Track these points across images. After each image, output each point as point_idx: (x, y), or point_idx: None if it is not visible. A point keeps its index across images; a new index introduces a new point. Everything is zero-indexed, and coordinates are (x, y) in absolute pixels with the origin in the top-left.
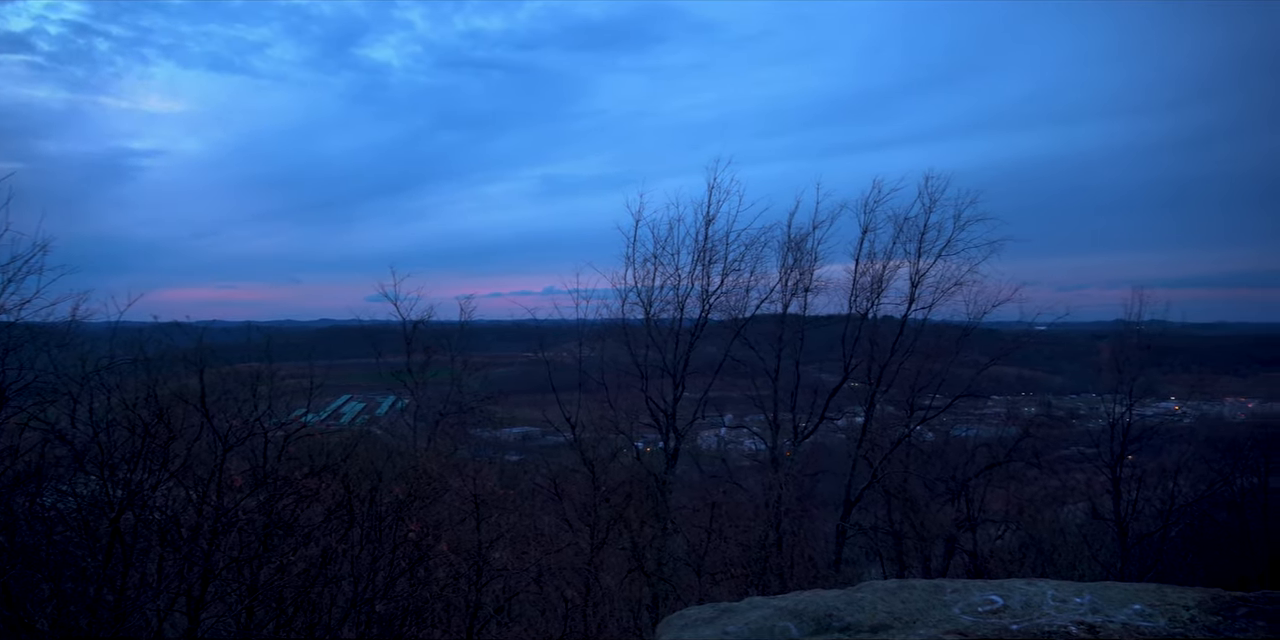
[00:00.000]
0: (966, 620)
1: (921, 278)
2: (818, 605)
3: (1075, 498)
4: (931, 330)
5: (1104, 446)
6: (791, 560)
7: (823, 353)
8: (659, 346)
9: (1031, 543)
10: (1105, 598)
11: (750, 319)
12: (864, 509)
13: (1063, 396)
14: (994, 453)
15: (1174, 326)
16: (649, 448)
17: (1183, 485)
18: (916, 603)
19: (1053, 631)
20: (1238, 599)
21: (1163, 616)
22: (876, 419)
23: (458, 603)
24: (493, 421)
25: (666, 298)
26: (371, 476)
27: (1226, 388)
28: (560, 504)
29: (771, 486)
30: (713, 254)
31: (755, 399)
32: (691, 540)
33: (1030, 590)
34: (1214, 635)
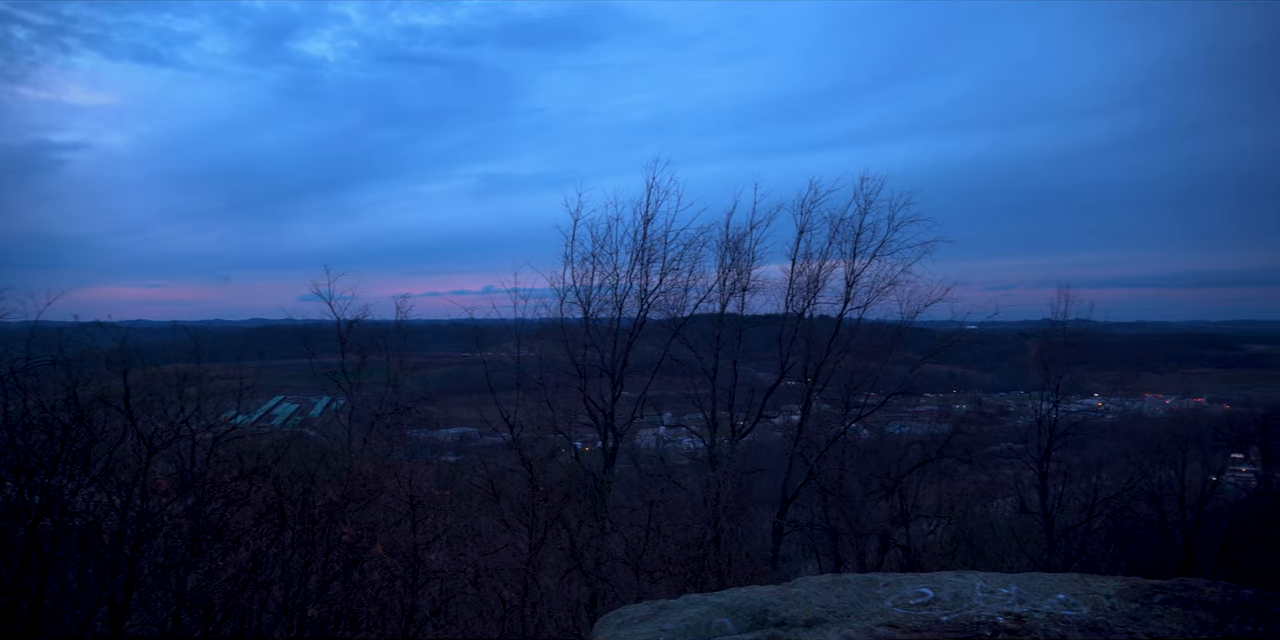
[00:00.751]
0: (898, 613)
1: (857, 278)
2: (753, 601)
3: (1005, 492)
4: (866, 329)
5: (1032, 442)
6: (729, 558)
7: (760, 352)
8: (597, 346)
9: (963, 536)
10: (1031, 588)
11: (689, 318)
12: (801, 506)
13: (993, 394)
14: (927, 449)
15: (1097, 325)
16: (588, 447)
17: (1105, 479)
18: (850, 597)
19: (981, 622)
20: (1155, 586)
21: (1085, 605)
22: (813, 417)
23: (393, 606)
24: (430, 422)
25: (605, 297)
26: (304, 478)
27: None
28: (498, 504)
29: (709, 484)
30: (651, 253)
31: (693, 398)
32: (630, 539)
33: (960, 582)
34: (1133, 621)
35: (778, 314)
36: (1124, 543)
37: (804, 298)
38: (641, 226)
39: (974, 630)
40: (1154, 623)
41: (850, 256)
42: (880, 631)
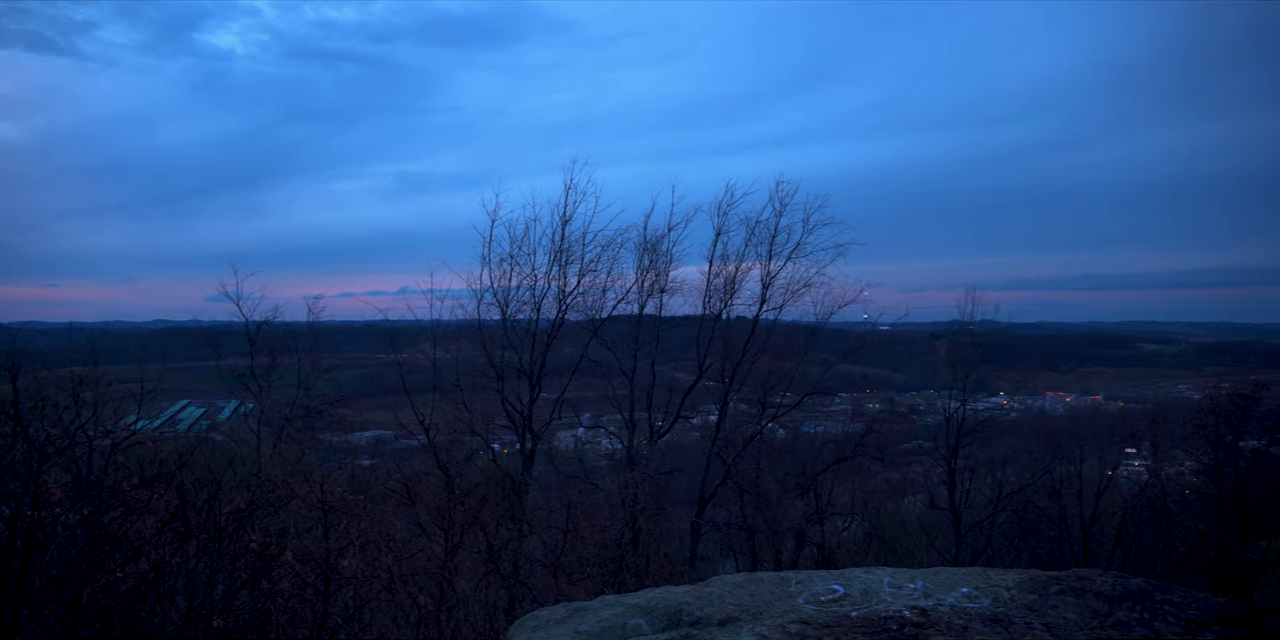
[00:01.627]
0: (810, 609)
1: (772, 279)
2: (668, 601)
3: (915, 489)
4: (782, 330)
5: (941, 440)
6: (647, 558)
7: (679, 352)
8: (515, 347)
9: (875, 533)
10: (936, 582)
11: (607, 319)
12: (718, 505)
13: (905, 393)
14: (841, 448)
15: (1003, 326)
16: (506, 449)
17: (1010, 475)
18: (763, 595)
19: (889, 616)
20: (1051, 578)
21: (987, 597)
22: (730, 417)
23: (304, 614)
24: (343, 425)
25: (523, 298)
26: (210, 485)
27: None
28: (414, 508)
29: (627, 485)
30: (569, 254)
31: (612, 399)
32: (548, 541)
33: (869, 578)
34: (1031, 612)
35: (696, 315)
36: (1027, 536)
37: (721, 299)
38: (560, 228)
39: (882, 625)
40: (1050, 613)
41: (766, 258)
42: (792, 628)
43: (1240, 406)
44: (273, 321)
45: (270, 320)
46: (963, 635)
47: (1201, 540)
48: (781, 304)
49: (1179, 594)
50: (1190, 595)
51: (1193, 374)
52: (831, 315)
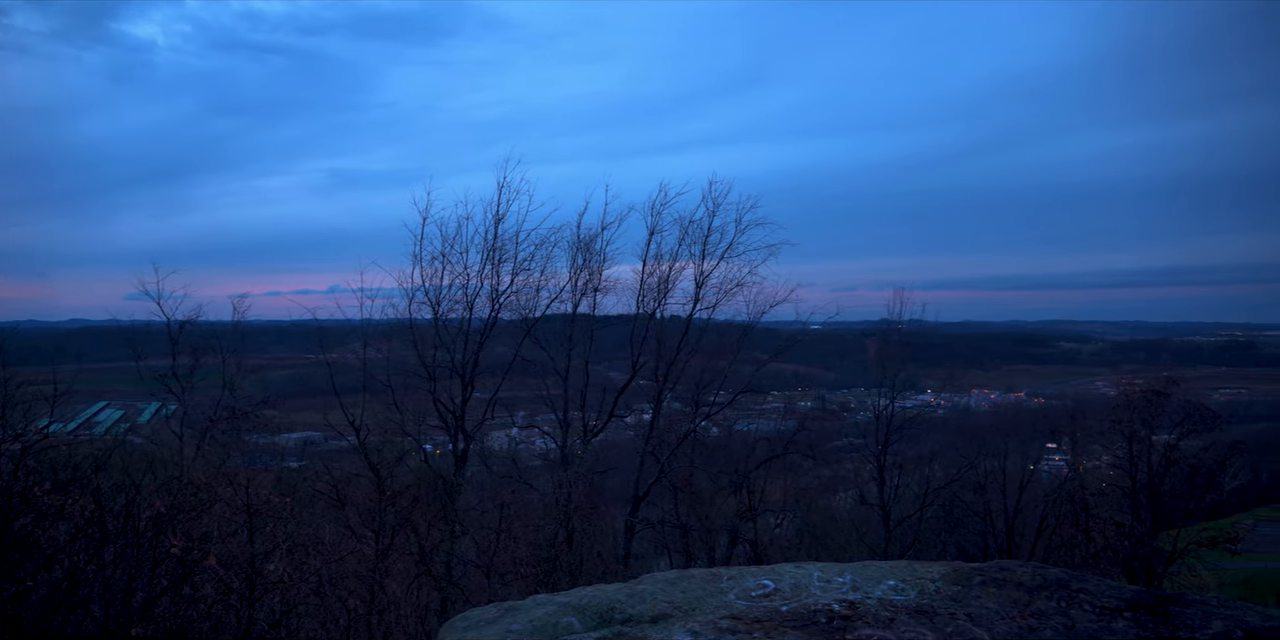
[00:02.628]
0: (741, 605)
1: (705, 279)
2: (601, 599)
3: (846, 486)
4: (715, 329)
5: (871, 437)
6: (581, 557)
7: (613, 352)
8: (448, 347)
9: (807, 529)
10: (864, 576)
11: (541, 318)
12: (652, 504)
13: (836, 391)
14: (773, 446)
15: (930, 325)
16: (438, 450)
17: (937, 470)
18: (695, 591)
19: (818, 610)
20: (974, 569)
21: (913, 589)
22: (664, 416)
23: (228, 620)
24: (270, 427)
25: (455, 297)
26: (129, 489)
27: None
28: (343, 510)
29: (561, 485)
30: (502, 253)
31: (546, 398)
32: (481, 542)
33: (799, 573)
34: (955, 603)
35: (630, 314)
36: (953, 529)
37: (655, 298)
38: (493, 226)
39: (811, 618)
40: (973, 603)
41: (699, 258)
42: (724, 624)
43: (1153, 402)
44: (196, 321)
45: (193, 320)
46: (889, 626)
47: (1117, 531)
48: (715, 303)
49: (1094, 583)
50: (1105, 584)
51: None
52: (764, 314)
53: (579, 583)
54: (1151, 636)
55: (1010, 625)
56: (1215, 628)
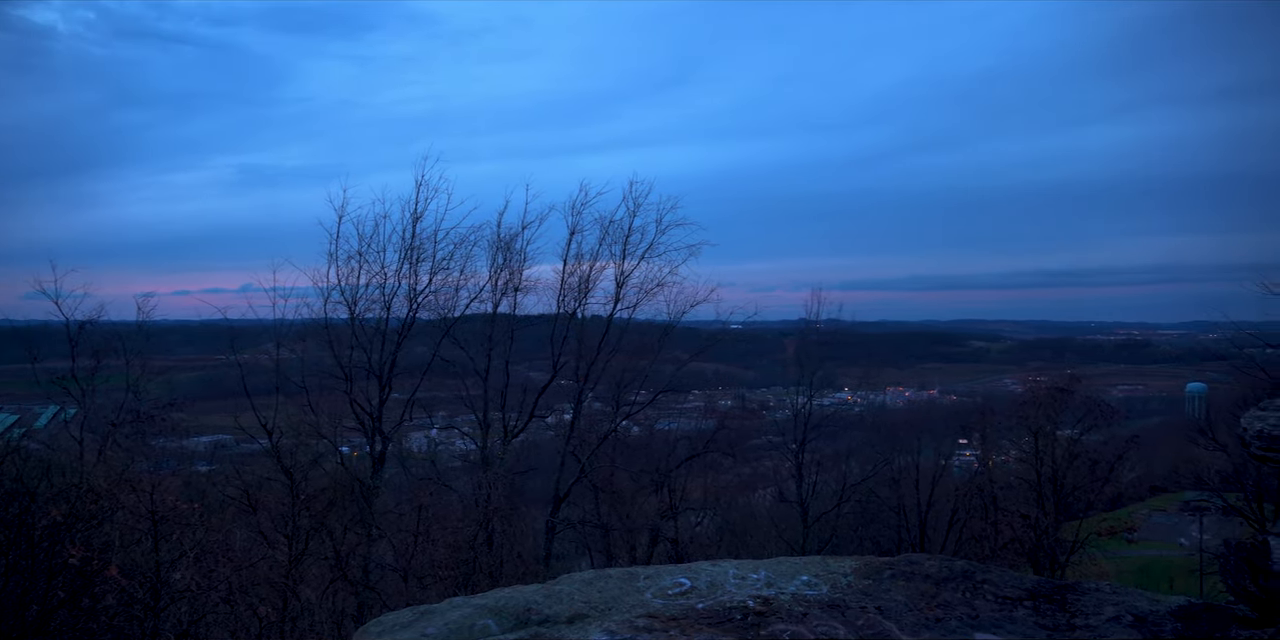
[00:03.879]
0: (658, 604)
1: (626, 278)
2: (517, 601)
3: (765, 483)
4: (636, 329)
5: (789, 435)
6: (501, 559)
7: (533, 352)
8: (364, 347)
9: (727, 527)
10: (778, 572)
11: (460, 318)
12: (573, 504)
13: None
14: (694, 444)
15: (846, 325)
16: (355, 452)
17: (854, 467)
18: (612, 591)
19: (733, 607)
20: (884, 563)
21: (825, 584)
22: (585, 415)
23: (132, 631)
24: (178, 430)
25: (372, 297)
26: (23, 497)
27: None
28: (255, 515)
29: (481, 486)
30: (421, 252)
31: (466, 399)
32: (399, 545)
33: (715, 571)
34: (866, 597)
35: (550, 314)
36: (869, 525)
37: (576, 298)
38: (410, 225)
39: (726, 615)
40: (883, 596)
41: (620, 258)
42: (640, 623)
43: (1057, 399)
44: (98, 321)
45: (95, 320)
46: (802, 621)
47: (1024, 523)
48: (635, 303)
49: (997, 574)
50: (1007, 575)
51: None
52: (684, 314)
53: (499, 584)
54: (1049, 624)
55: (918, 617)
56: (1107, 614)
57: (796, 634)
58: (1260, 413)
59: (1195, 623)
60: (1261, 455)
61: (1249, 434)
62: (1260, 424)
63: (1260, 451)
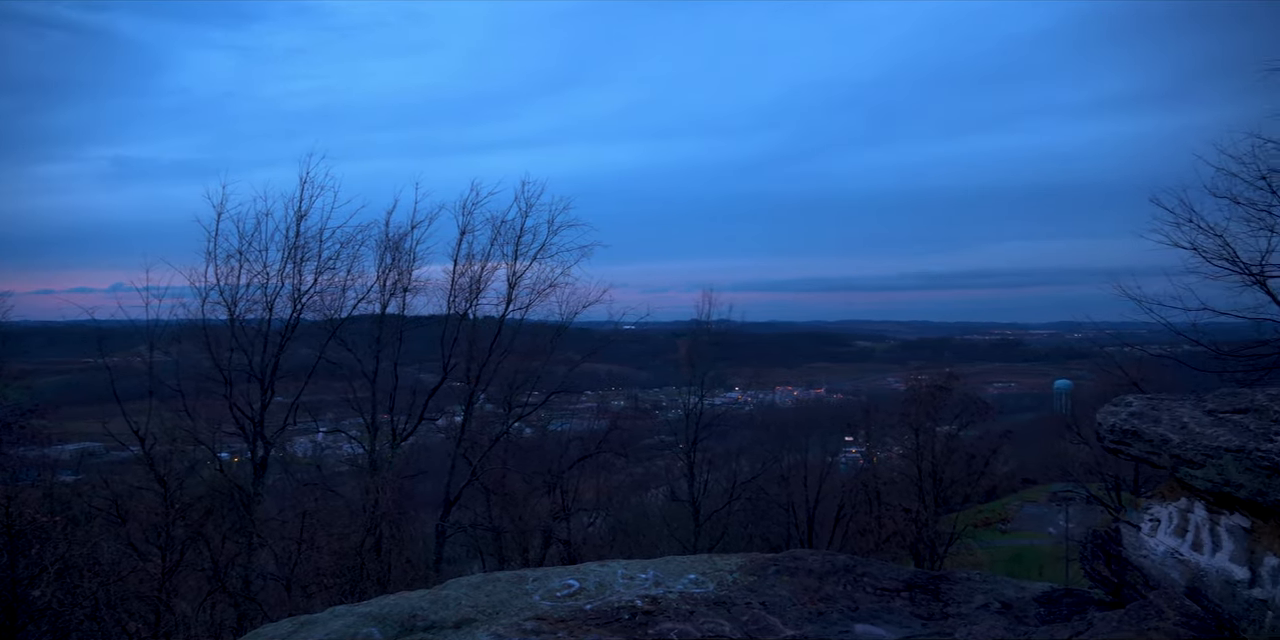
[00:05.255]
0: (546, 605)
1: (518, 279)
2: (402, 607)
3: (657, 483)
4: (528, 330)
5: (681, 435)
6: (389, 565)
7: (423, 353)
8: (245, 349)
9: (620, 527)
10: (666, 571)
11: (347, 319)
12: (465, 507)
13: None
14: (586, 445)
15: (737, 325)
16: (236, 458)
17: (744, 465)
18: (500, 594)
19: (621, 607)
20: (770, 559)
21: (712, 582)
22: (476, 417)
23: None
24: (39, 438)
25: (254, 297)
26: None
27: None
28: (125, 527)
29: (369, 491)
30: (305, 251)
31: (353, 402)
32: (281, 553)
33: (603, 572)
34: (751, 593)
35: (441, 315)
36: (759, 522)
37: (467, 299)
38: (295, 223)
39: (615, 615)
40: (768, 592)
41: (512, 258)
42: (528, 625)
43: (936, 396)
44: None
45: None
46: (689, 619)
47: (906, 516)
48: (528, 304)
49: (876, 567)
50: (887, 567)
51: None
52: (577, 315)
53: (388, 591)
54: (924, 613)
55: (801, 610)
56: (978, 601)
57: (683, 632)
58: (1113, 408)
59: (1056, 606)
60: (1114, 448)
61: (1103, 428)
62: (1113, 418)
63: (1113, 444)
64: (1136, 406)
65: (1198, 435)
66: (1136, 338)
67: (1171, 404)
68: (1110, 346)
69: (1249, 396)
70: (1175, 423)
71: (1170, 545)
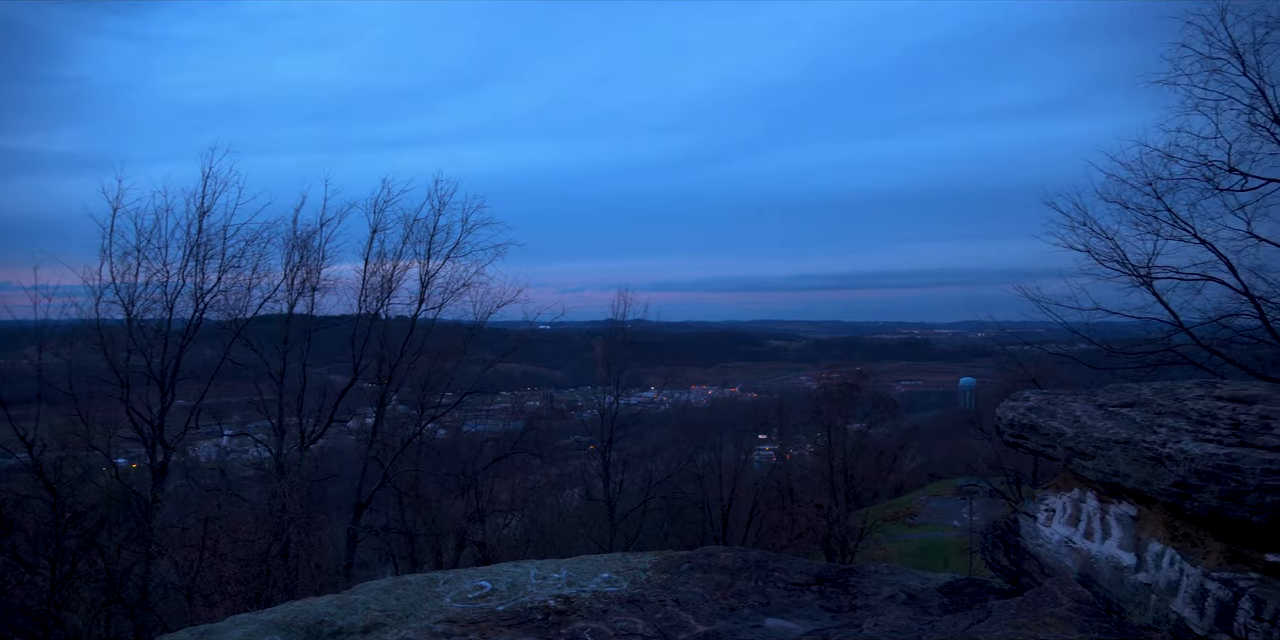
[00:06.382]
0: (457, 608)
1: (431, 278)
2: (308, 614)
3: (573, 482)
4: (442, 329)
5: (597, 434)
6: (297, 571)
7: (334, 354)
8: (144, 350)
9: (535, 527)
10: (580, 571)
11: (253, 319)
12: (377, 510)
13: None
14: (501, 446)
15: (652, 325)
16: (135, 464)
17: (660, 464)
18: (410, 598)
19: (534, 607)
20: (683, 556)
21: (625, 580)
22: (388, 419)
23: None
24: None
25: (153, 296)
26: None
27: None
28: (10, 538)
29: (276, 495)
30: (209, 249)
31: (259, 404)
32: (181, 562)
33: (516, 572)
34: (664, 590)
35: (351, 315)
36: (675, 520)
37: (378, 298)
38: (197, 219)
39: (527, 615)
40: (681, 589)
41: (425, 257)
42: (438, 629)
43: (847, 394)
44: None
45: None
46: (602, 618)
47: (818, 512)
48: (441, 303)
49: (787, 562)
50: (797, 562)
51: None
52: (491, 315)
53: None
54: (833, 606)
55: (714, 606)
56: (885, 593)
57: (597, 631)
58: (1011, 404)
59: (959, 596)
60: (1013, 441)
61: (1002, 423)
62: (1011, 413)
63: (1012, 438)
64: (1033, 402)
65: (1089, 428)
66: (1036, 336)
67: (1066, 399)
68: (1012, 345)
69: (1136, 391)
70: (1069, 417)
71: (1064, 534)
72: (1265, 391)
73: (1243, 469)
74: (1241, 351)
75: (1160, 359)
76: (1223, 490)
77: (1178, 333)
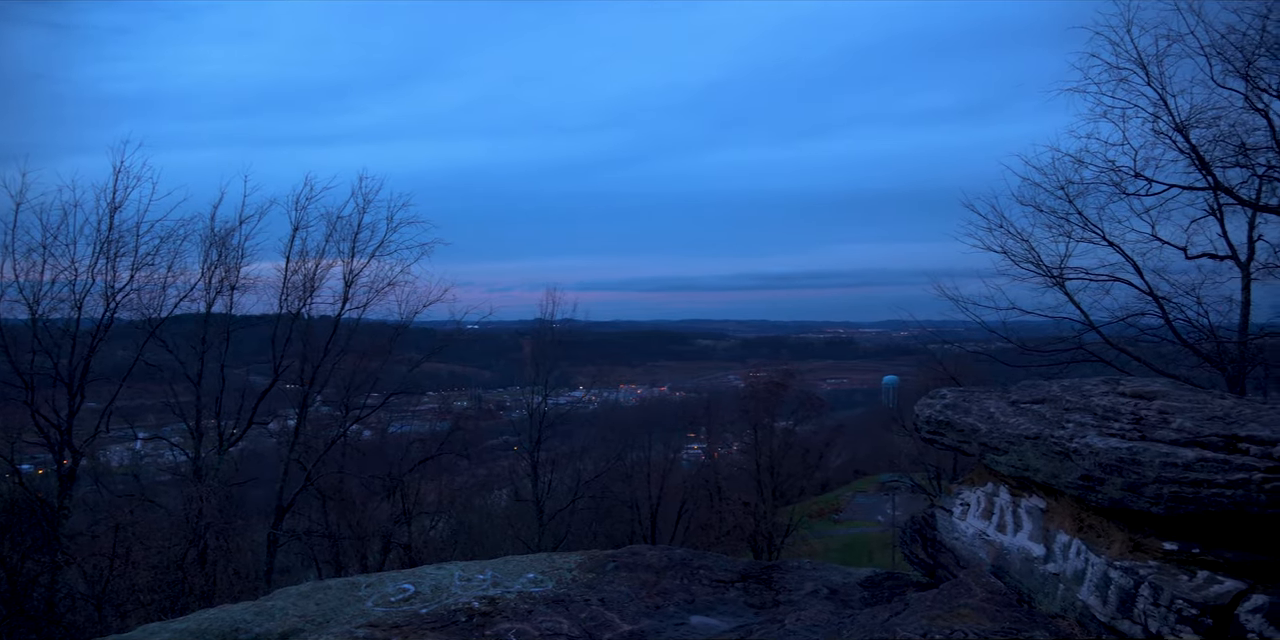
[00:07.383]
0: (379, 612)
1: (355, 277)
2: (223, 622)
3: (501, 483)
4: (366, 329)
5: (525, 434)
6: (215, 578)
7: (254, 354)
8: (50, 351)
9: (463, 529)
10: (504, 571)
11: (168, 319)
12: (299, 514)
13: (492, 390)
14: (428, 447)
15: (581, 324)
16: (41, 470)
17: (588, 464)
18: (331, 602)
19: (458, 609)
20: (608, 556)
21: (551, 580)
22: (311, 420)
23: None
24: None
25: (60, 294)
26: None
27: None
28: None
29: (193, 500)
30: (120, 246)
31: (175, 406)
32: (91, 571)
33: (440, 574)
34: (590, 590)
35: (272, 314)
36: (604, 520)
37: (300, 297)
38: (108, 215)
39: (451, 618)
40: (606, 588)
41: (349, 256)
42: (360, 633)
43: (774, 393)
44: None
45: None
46: (527, 618)
47: (745, 510)
48: (365, 303)
49: (712, 559)
50: (722, 559)
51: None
52: (417, 314)
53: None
54: (757, 602)
55: (639, 605)
56: (807, 588)
57: (521, 632)
58: (929, 401)
59: (878, 589)
60: (930, 437)
61: (920, 419)
62: (929, 411)
63: (929, 434)
64: (950, 399)
65: (1002, 424)
66: (956, 335)
67: (981, 396)
68: (932, 343)
69: (1046, 388)
70: (983, 413)
71: (979, 527)
72: (1165, 387)
73: (1143, 462)
74: (1146, 349)
75: (1072, 357)
76: (1125, 482)
77: (1088, 331)
